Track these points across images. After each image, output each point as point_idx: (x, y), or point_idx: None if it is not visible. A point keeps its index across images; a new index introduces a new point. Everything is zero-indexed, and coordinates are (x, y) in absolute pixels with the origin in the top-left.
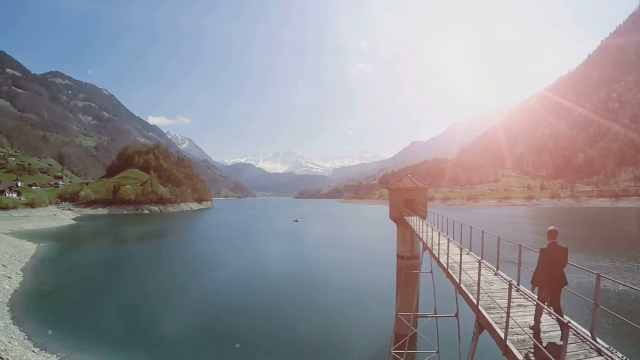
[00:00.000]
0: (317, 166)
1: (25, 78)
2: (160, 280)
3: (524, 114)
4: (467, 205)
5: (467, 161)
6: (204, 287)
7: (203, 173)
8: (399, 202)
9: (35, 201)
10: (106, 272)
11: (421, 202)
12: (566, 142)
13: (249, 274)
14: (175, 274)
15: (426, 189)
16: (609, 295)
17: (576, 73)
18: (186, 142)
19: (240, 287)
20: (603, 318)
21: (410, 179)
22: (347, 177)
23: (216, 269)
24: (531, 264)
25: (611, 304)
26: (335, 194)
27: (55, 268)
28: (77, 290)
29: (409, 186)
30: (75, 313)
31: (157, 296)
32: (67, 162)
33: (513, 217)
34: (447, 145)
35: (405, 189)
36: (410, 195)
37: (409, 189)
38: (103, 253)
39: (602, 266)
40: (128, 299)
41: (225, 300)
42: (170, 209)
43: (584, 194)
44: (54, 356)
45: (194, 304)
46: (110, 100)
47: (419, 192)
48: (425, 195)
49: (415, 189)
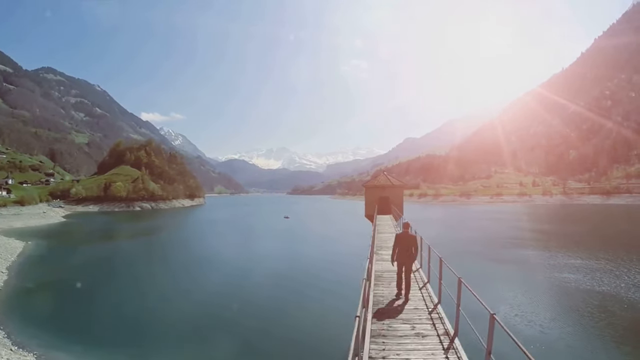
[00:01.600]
0: (311, 162)
1: (17, 74)
2: (145, 277)
3: (518, 110)
4: (459, 201)
5: (460, 157)
6: (188, 285)
7: (196, 169)
8: (373, 199)
9: (25, 199)
10: (93, 270)
11: (396, 201)
12: (559, 138)
13: (234, 272)
14: (161, 271)
15: (402, 187)
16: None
17: (570, 70)
18: (179, 138)
19: (225, 284)
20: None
21: (386, 175)
22: (340, 173)
23: (200, 266)
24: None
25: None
26: (328, 190)
27: (41, 266)
28: (62, 288)
29: (384, 183)
30: (59, 311)
31: (143, 293)
32: (59, 158)
33: (503, 214)
34: (441, 141)
35: (380, 187)
36: (385, 193)
37: (384, 187)
38: (91, 250)
39: (587, 263)
40: (113, 297)
41: (211, 296)
42: (162, 206)
43: (576, 191)
44: (31, 354)
45: (179, 301)
46: (103, 96)
47: (394, 190)
48: (401, 193)
49: (390, 187)
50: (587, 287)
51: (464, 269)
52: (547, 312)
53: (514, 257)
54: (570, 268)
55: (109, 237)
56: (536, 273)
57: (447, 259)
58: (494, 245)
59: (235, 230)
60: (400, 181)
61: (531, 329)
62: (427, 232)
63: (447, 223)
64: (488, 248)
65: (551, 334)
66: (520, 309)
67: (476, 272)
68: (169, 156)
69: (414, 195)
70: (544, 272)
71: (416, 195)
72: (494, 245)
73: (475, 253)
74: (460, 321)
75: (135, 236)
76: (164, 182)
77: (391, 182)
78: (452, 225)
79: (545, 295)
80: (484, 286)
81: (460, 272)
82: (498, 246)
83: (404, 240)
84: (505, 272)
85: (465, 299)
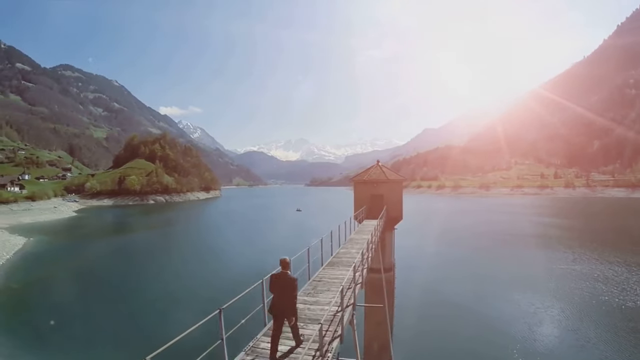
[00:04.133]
0: (329, 153)
1: (35, 72)
2: (140, 280)
3: (537, 99)
4: (478, 193)
5: (478, 148)
6: (181, 282)
7: (214, 161)
8: (364, 198)
9: (36, 194)
10: (89, 267)
11: (393, 199)
12: (581, 128)
13: (237, 266)
14: (156, 270)
15: (400, 182)
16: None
17: (591, 58)
18: (198, 131)
19: (225, 280)
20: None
21: (380, 168)
22: (359, 164)
23: (201, 261)
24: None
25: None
26: (346, 181)
27: (35, 264)
28: (49, 288)
29: (376, 178)
30: (37, 312)
31: (133, 293)
32: (78, 153)
33: (523, 207)
34: (460, 131)
35: (372, 182)
36: (378, 190)
37: (376, 182)
38: (92, 247)
39: (613, 269)
40: (102, 298)
41: (205, 293)
42: (176, 199)
43: (599, 183)
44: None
45: (164, 301)
46: (121, 91)
47: (390, 186)
48: (400, 189)
49: (385, 182)
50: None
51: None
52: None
53: (544, 259)
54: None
55: (113, 232)
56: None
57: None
58: (521, 245)
59: (245, 224)
60: (397, 174)
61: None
62: (447, 225)
63: (468, 218)
64: (513, 248)
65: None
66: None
67: (495, 279)
68: (183, 149)
69: (432, 187)
70: (575, 282)
71: (434, 187)
72: (521, 245)
73: (500, 253)
74: None
75: (140, 230)
76: (178, 175)
77: (386, 176)
78: (474, 220)
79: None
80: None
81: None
82: (527, 246)
83: (280, 283)
84: (532, 278)
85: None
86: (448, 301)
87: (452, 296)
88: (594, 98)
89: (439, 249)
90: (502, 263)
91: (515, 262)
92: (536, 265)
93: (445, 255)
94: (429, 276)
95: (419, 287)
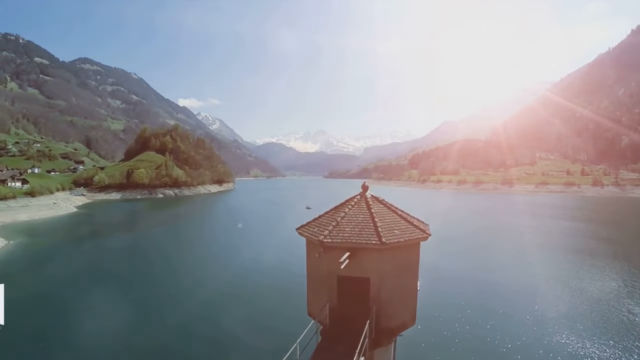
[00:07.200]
0: (349, 145)
1: (53, 65)
2: (118, 285)
3: (562, 91)
4: (501, 189)
5: (501, 142)
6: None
7: (232, 153)
8: (323, 280)
9: (36, 190)
10: (72, 275)
11: (395, 289)
12: (609, 123)
13: (234, 274)
14: (137, 281)
15: (417, 244)
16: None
17: (618, 49)
18: (217, 123)
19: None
20: None
21: (369, 203)
22: (377, 157)
23: (184, 269)
24: None
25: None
26: (364, 174)
27: (5, 271)
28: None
29: (357, 237)
30: None
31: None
32: (94, 145)
33: (552, 208)
34: (480, 124)
35: (345, 248)
36: (362, 266)
37: (355, 248)
38: (76, 251)
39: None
40: (73, 312)
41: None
42: (186, 192)
43: (629, 182)
44: None
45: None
46: (139, 83)
47: (392, 257)
48: (414, 262)
49: (377, 250)
50: None
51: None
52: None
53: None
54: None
55: (108, 232)
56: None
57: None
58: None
59: (245, 225)
60: (411, 222)
61: None
62: (468, 225)
63: (494, 221)
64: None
65: None
66: None
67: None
68: (196, 141)
69: (453, 182)
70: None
71: (455, 182)
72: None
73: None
74: None
75: (137, 231)
76: (189, 167)
77: (379, 238)
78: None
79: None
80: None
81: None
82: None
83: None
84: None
85: None
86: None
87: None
88: (620, 91)
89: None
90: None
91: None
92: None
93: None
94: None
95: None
